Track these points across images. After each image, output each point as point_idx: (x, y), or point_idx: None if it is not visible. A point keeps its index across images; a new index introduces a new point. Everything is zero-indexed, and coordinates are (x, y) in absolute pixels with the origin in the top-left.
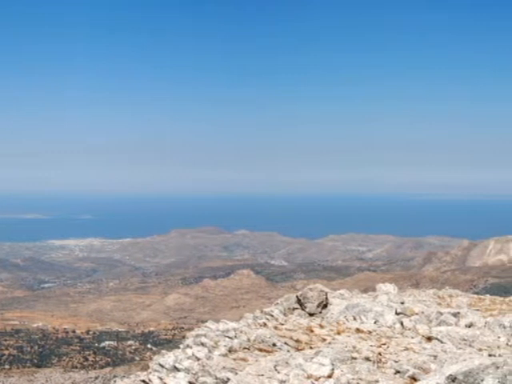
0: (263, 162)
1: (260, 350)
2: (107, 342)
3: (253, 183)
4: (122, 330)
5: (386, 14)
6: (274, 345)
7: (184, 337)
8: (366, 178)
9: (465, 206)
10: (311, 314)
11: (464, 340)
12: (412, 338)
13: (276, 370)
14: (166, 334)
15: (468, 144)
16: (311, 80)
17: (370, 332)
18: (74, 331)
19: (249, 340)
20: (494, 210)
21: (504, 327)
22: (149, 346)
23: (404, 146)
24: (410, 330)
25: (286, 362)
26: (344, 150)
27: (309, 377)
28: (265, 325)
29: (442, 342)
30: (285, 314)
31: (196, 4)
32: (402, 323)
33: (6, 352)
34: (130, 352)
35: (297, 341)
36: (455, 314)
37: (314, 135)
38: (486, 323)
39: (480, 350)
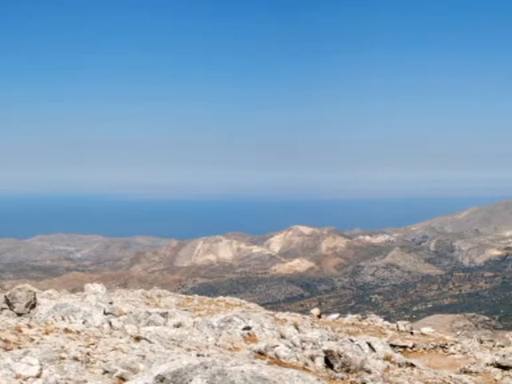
0: None
1: None
2: None
3: None
4: None
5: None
6: None
7: None
8: (64, 177)
9: (173, 206)
10: (20, 314)
11: (172, 340)
12: (120, 337)
13: None
14: None
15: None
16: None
17: (78, 332)
18: None
19: None
20: (203, 210)
21: (212, 327)
22: None
23: (108, 147)
24: (118, 329)
25: None
26: (43, 150)
27: (17, 377)
28: None
29: (150, 342)
30: None
31: None
32: (110, 323)
33: None
34: None
35: (5, 341)
36: (164, 314)
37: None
38: (194, 323)
39: (189, 349)
